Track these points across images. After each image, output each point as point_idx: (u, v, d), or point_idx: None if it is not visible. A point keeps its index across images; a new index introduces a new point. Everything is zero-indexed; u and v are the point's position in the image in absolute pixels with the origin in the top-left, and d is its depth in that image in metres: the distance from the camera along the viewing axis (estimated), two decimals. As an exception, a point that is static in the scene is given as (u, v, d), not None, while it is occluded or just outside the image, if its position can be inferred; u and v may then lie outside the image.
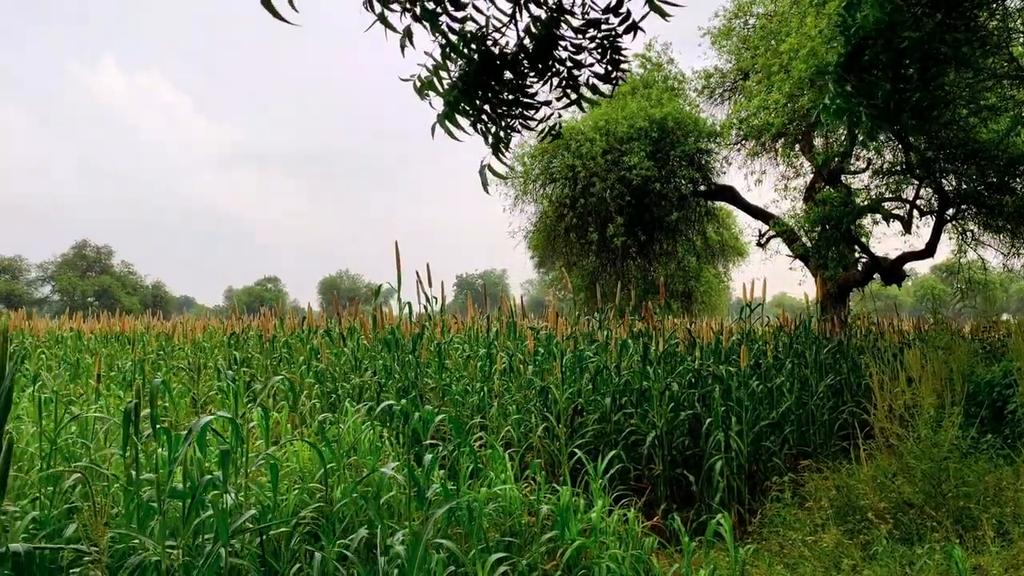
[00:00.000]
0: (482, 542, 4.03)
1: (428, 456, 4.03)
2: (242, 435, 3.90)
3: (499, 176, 3.66)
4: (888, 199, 15.32)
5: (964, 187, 14.08)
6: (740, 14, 16.08)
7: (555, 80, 3.58)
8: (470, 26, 3.32)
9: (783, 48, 11.36)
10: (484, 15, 3.31)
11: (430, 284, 7.63)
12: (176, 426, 5.99)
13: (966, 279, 16.90)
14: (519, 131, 3.73)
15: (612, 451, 6.03)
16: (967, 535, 4.88)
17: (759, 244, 17.30)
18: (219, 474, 3.57)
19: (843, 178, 15.51)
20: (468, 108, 3.45)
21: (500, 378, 7.50)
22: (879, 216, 15.01)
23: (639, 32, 3.32)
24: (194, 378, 8.92)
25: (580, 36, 3.43)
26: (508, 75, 3.49)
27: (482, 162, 3.66)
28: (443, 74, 3.37)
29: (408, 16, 3.13)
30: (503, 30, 3.41)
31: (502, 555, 4.03)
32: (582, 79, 3.57)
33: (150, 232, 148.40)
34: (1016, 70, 9.20)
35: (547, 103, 3.82)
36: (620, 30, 3.36)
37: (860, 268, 15.27)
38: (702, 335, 9.06)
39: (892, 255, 15.43)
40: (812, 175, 15.86)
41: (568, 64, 3.49)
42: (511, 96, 3.53)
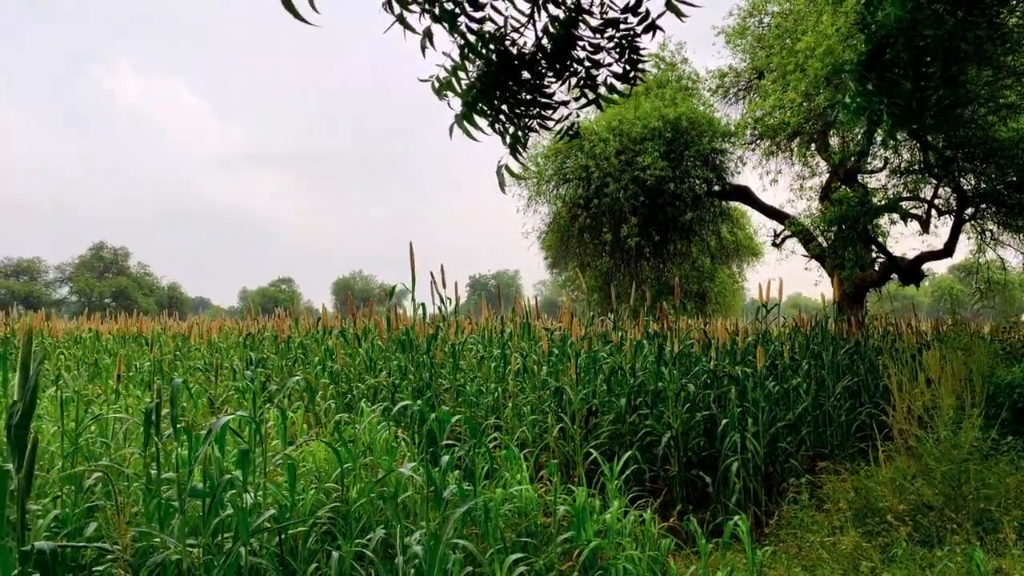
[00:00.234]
0: (499, 542, 4.02)
1: (445, 457, 4.04)
2: (261, 435, 3.92)
3: (516, 176, 3.65)
4: (906, 198, 15.21)
5: (983, 186, 13.95)
6: (755, 13, 16.01)
7: (573, 80, 3.57)
8: (488, 26, 3.32)
9: (799, 47, 11.31)
10: (503, 15, 3.32)
11: (444, 285, 7.64)
12: (194, 426, 6.03)
13: (985, 279, 16.76)
14: (536, 131, 3.73)
15: (627, 452, 6.01)
16: (988, 538, 4.84)
17: (774, 244, 17.23)
18: (237, 473, 3.59)
19: (860, 177, 15.41)
20: (486, 108, 3.45)
21: (514, 379, 7.50)
22: (896, 216, 14.89)
23: (658, 31, 3.31)
24: (211, 378, 8.97)
25: (598, 36, 3.43)
26: (526, 75, 3.48)
27: (499, 162, 3.66)
28: (461, 74, 3.37)
29: (427, 17, 3.14)
30: (521, 30, 3.41)
31: (519, 555, 4.03)
32: (600, 79, 3.56)
33: (166, 233, 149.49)
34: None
35: (564, 103, 3.82)
36: (639, 29, 3.35)
37: (877, 268, 15.17)
38: (717, 336, 9.01)
39: (910, 255, 15.34)
40: (828, 174, 15.78)
41: (586, 64, 3.48)
42: (529, 96, 3.53)
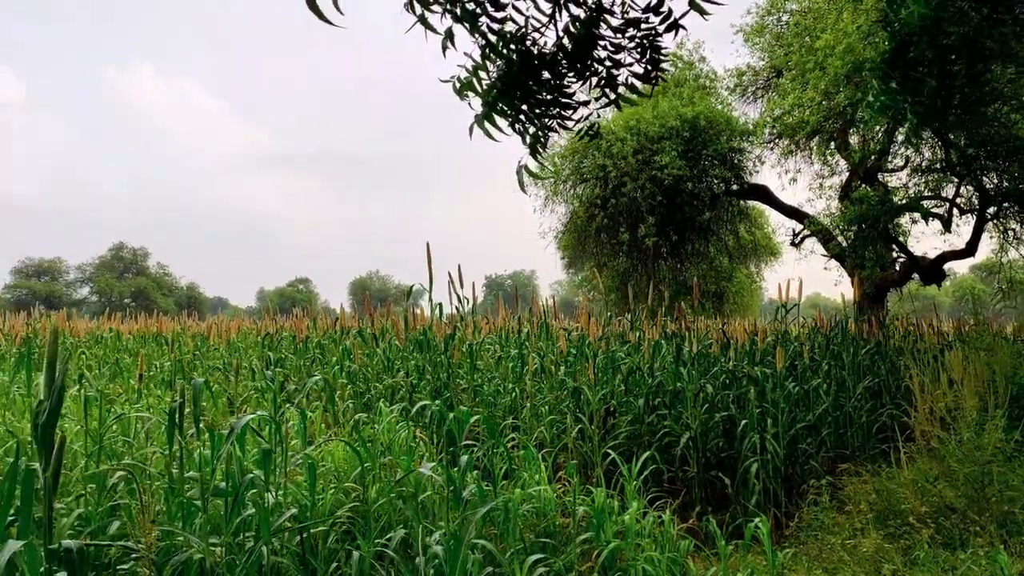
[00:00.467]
0: (519, 543, 4.02)
1: (464, 457, 4.04)
2: (281, 435, 3.94)
3: (536, 176, 3.65)
4: (927, 197, 15.06)
5: (1006, 185, 13.78)
6: (773, 11, 15.91)
7: (593, 80, 3.56)
8: (509, 26, 3.32)
9: (818, 45, 11.23)
10: (523, 15, 3.32)
11: (462, 285, 7.65)
12: (216, 425, 6.06)
13: (1007, 279, 16.56)
14: (556, 131, 3.72)
15: (645, 453, 5.99)
16: (1012, 540, 4.78)
17: (793, 244, 17.12)
18: (258, 473, 3.61)
19: (880, 176, 15.28)
20: (506, 108, 3.44)
21: (532, 379, 7.49)
22: (918, 215, 14.75)
23: (680, 30, 3.30)
24: (230, 378, 9.02)
25: (619, 35, 3.41)
26: (546, 75, 3.47)
27: (519, 162, 3.66)
28: (482, 75, 3.37)
29: (448, 17, 3.14)
30: (542, 30, 3.40)
31: (538, 556, 4.03)
32: (620, 79, 3.55)
33: (185, 234, 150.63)
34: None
35: (585, 103, 3.81)
36: (660, 29, 3.34)
37: (898, 268, 15.04)
38: (736, 336, 8.97)
39: (931, 254, 15.18)
40: (848, 173, 15.65)
41: (607, 64, 3.47)
42: (549, 96, 3.52)
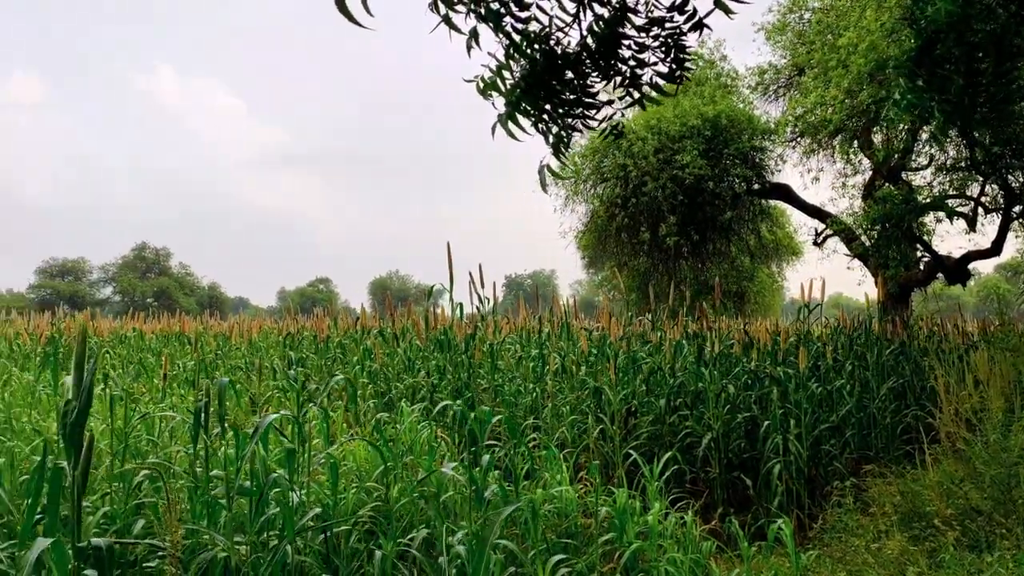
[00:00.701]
0: (542, 543, 4.02)
1: (486, 457, 4.04)
2: (304, 434, 3.96)
3: (559, 176, 3.65)
4: (951, 196, 14.89)
5: (1032, 183, 13.63)
6: (795, 8, 15.79)
7: (617, 79, 3.55)
8: (533, 26, 3.32)
9: (841, 42, 11.14)
10: (547, 15, 3.31)
11: (483, 284, 7.65)
12: (240, 424, 6.11)
13: (1033, 278, 16.35)
14: (580, 131, 3.72)
15: (667, 453, 5.97)
16: (1039, 543, 4.72)
17: (815, 243, 16.99)
18: (282, 472, 3.63)
19: (904, 175, 15.13)
20: (530, 108, 3.44)
21: (553, 379, 7.49)
22: (942, 214, 14.58)
23: (704, 30, 3.28)
24: (252, 378, 9.09)
25: (644, 35, 3.40)
26: (570, 75, 3.47)
27: (541, 162, 3.66)
28: (506, 74, 3.37)
29: (473, 17, 3.14)
30: (566, 29, 3.40)
31: (560, 556, 4.02)
32: (644, 78, 3.54)
33: (206, 233, 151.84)
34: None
35: (609, 102, 3.80)
36: (685, 28, 3.32)
37: (922, 268, 14.90)
38: (758, 336, 8.92)
39: (956, 254, 15.02)
40: (871, 172, 15.52)
41: (631, 63, 3.46)
42: (572, 96, 3.51)
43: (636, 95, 3.63)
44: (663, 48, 3.42)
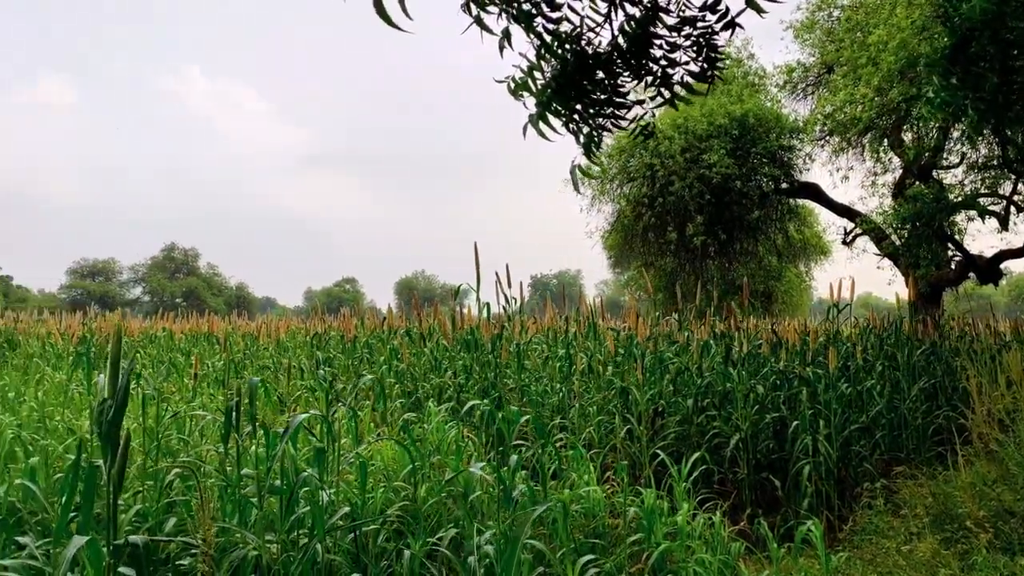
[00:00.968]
0: (570, 543, 4.01)
1: (514, 457, 4.05)
2: (334, 434, 3.99)
3: (590, 176, 3.65)
4: (983, 195, 14.66)
5: (1065, 182, 13.39)
6: (824, 6, 15.64)
7: (648, 79, 3.54)
8: (565, 26, 3.32)
9: (871, 40, 11.02)
10: (579, 15, 3.31)
11: (509, 284, 7.66)
12: (270, 424, 6.17)
13: (1066, 277, 16.07)
14: (611, 131, 3.71)
15: (695, 454, 5.93)
16: (1075, 547, 4.65)
17: (844, 243, 16.82)
18: (311, 471, 3.66)
19: (935, 173, 14.93)
20: (560, 108, 3.45)
21: (579, 379, 7.47)
22: (974, 212, 14.36)
23: (737, 29, 3.26)
24: (279, 377, 9.16)
25: (675, 34, 3.39)
26: (601, 75, 3.46)
27: (572, 162, 3.66)
28: (537, 75, 3.37)
29: (504, 18, 3.15)
30: (597, 29, 3.40)
31: (589, 557, 4.02)
32: (676, 78, 3.53)
33: (234, 234, 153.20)
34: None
35: (640, 102, 3.79)
36: (717, 27, 3.31)
37: (954, 267, 14.69)
38: (786, 336, 8.84)
39: (988, 253, 14.80)
40: (901, 171, 15.34)
41: (663, 63, 3.45)
42: (603, 96, 3.51)
43: (667, 95, 3.62)
44: (695, 47, 3.41)
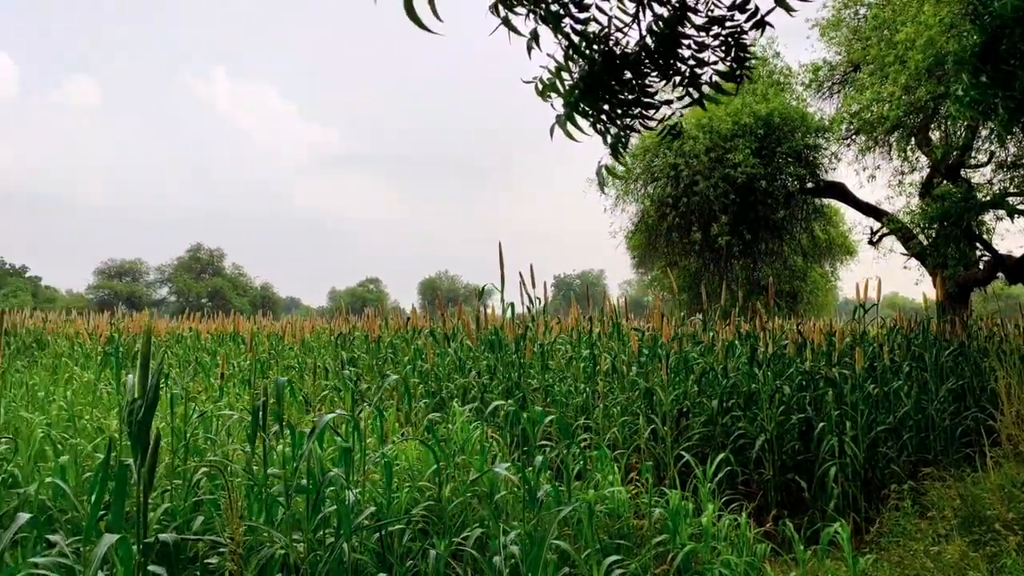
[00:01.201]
0: (596, 543, 4.01)
1: (539, 458, 4.05)
2: (359, 434, 4.01)
3: (617, 176, 3.65)
4: (1012, 194, 14.45)
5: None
6: (850, 4, 15.50)
7: (676, 79, 3.53)
8: (592, 27, 3.32)
9: (898, 38, 10.92)
10: (607, 15, 3.31)
11: (533, 285, 7.67)
12: (296, 423, 6.22)
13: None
14: (639, 131, 3.71)
15: (720, 454, 5.91)
16: (1107, 550, 4.57)
17: (871, 242, 16.66)
18: (339, 471, 3.68)
19: (963, 172, 14.75)
20: (588, 109, 3.45)
21: (604, 379, 7.46)
22: (1003, 212, 14.17)
23: (767, 28, 3.25)
24: (304, 377, 9.23)
25: (704, 34, 3.38)
26: (628, 75, 3.46)
27: (599, 162, 3.66)
28: (564, 75, 3.37)
29: (532, 19, 3.16)
30: (625, 30, 3.39)
31: (614, 558, 4.01)
32: (704, 77, 3.52)
33: (258, 234, 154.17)
34: None
35: (667, 102, 3.78)
36: (746, 26, 3.29)
37: (982, 267, 14.50)
38: (811, 336, 8.77)
39: (1017, 252, 14.59)
40: (929, 170, 15.17)
41: (691, 63, 3.44)
42: (631, 96, 3.51)
43: (696, 95, 3.60)
44: (723, 47, 3.39)
